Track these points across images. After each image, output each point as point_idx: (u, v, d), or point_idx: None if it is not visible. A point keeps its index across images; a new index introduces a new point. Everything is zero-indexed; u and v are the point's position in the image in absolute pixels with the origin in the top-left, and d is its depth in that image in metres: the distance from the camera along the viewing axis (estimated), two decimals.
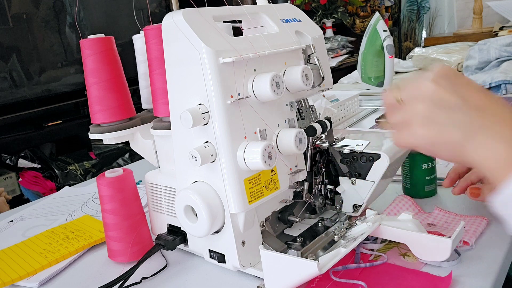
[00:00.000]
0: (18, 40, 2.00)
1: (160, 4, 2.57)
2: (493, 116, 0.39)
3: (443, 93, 0.40)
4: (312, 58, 0.62)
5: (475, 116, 0.39)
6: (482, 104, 0.40)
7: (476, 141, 0.39)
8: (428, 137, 0.41)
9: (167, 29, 0.53)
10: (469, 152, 0.39)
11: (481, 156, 0.39)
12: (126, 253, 0.61)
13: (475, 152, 0.39)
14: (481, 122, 0.39)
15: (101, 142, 0.68)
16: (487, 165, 0.38)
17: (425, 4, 3.92)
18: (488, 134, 0.38)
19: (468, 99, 0.40)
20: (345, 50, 2.97)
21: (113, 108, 0.63)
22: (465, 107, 0.40)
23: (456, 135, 0.39)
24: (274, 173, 0.55)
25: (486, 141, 0.38)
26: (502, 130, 0.38)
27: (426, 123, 0.41)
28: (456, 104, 0.40)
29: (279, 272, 0.49)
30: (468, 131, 0.39)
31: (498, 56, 1.51)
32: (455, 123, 0.40)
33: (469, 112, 0.39)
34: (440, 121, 0.40)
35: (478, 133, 0.39)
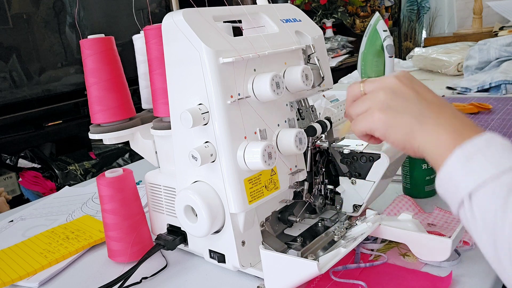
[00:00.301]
0: (18, 40, 2.00)
1: (160, 4, 2.57)
2: (440, 110, 0.45)
3: (403, 86, 0.47)
4: (312, 58, 0.62)
5: (426, 107, 0.46)
6: (432, 100, 0.47)
7: (424, 127, 0.44)
8: (384, 119, 0.46)
9: (167, 29, 0.53)
10: (417, 137, 0.45)
11: (427, 141, 0.44)
12: (126, 253, 0.61)
13: (423, 137, 0.44)
14: (430, 112, 0.45)
15: (101, 142, 0.68)
16: (431, 149, 0.44)
17: (425, 4, 3.92)
18: (435, 123, 0.44)
19: (422, 94, 0.47)
20: (345, 50, 2.97)
21: (113, 108, 0.63)
22: (418, 99, 0.46)
23: (408, 121, 0.45)
24: (274, 173, 0.55)
25: (432, 128, 0.44)
26: (446, 121, 0.44)
27: (384, 108, 0.47)
28: (412, 96, 0.47)
29: (279, 272, 0.49)
30: (419, 119, 0.45)
31: (498, 56, 1.51)
32: (409, 111, 0.46)
33: (422, 104, 0.46)
34: (396, 108, 0.46)
35: (426, 121, 0.45)
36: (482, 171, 0.39)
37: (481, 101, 1.21)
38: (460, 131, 0.43)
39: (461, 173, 0.40)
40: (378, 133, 0.47)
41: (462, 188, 0.39)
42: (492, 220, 0.37)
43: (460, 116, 0.45)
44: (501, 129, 0.99)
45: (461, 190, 0.39)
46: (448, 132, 0.43)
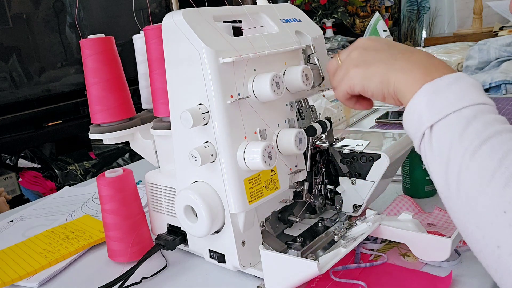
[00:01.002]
0: (18, 40, 2.00)
1: (160, 4, 2.57)
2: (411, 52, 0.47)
3: (372, 42, 0.50)
4: (312, 58, 0.62)
5: (397, 52, 0.47)
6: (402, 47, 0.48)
7: (396, 68, 0.45)
8: (359, 73, 0.48)
9: (167, 29, 0.53)
10: (391, 80, 0.45)
11: (400, 81, 0.45)
12: (126, 253, 0.61)
13: (396, 78, 0.45)
14: (400, 56, 0.46)
15: (101, 142, 0.68)
16: (403, 88, 0.44)
17: (425, 4, 3.92)
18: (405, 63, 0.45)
19: (393, 45, 0.49)
20: None
21: (113, 108, 0.63)
22: (389, 48, 0.48)
23: (381, 67, 0.47)
24: (274, 173, 0.55)
25: (403, 67, 0.45)
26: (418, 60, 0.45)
27: (357, 63, 0.49)
28: (383, 47, 0.49)
29: (279, 272, 0.49)
30: (390, 62, 0.46)
31: (498, 56, 1.51)
32: (380, 59, 0.47)
33: (392, 50, 0.48)
34: (368, 59, 0.48)
35: (398, 63, 0.46)
36: (446, 105, 0.40)
37: None
38: (432, 69, 0.43)
39: (425, 107, 0.41)
40: (357, 88, 0.49)
41: (425, 121, 0.41)
42: (447, 149, 0.39)
43: (433, 57, 0.46)
44: None
45: (424, 123, 0.41)
46: (419, 69, 0.44)
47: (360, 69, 0.48)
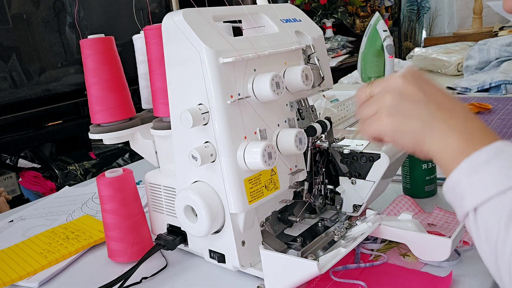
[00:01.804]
0: (18, 40, 2.00)
1: (160, 4, 2.57)
2: (450, 112, 0.44)
3: (409, 87, 0.45)
4: (312, 58, 0.62)
5: (434, 109, 0.44)
6: (441, 101, 0.45)
7: (433, 130, 0.43)
8: (392, 125, 0.45)
9: (167, 29, 0.53)
10: (426, 141, 0.44)
11: (436, 145, 0.43)
12: (126, 253, 0.61)
13: (432, 141, 0.43)
14: (439, 115, 0.43)
15: (101, 142, 0.68)
16: (441, 153, 0.43)
17: (425, 4, 3.92)
18: (444, 126, 0.43)
19: (430, 95, 0.45)
20: (345, 50, 2.97)
21: (113, 108, 0.63)
22: (427, 101, 0.44)
23: (417, 125, 0.44)
24: (274, 173, 0.55)
25: (441, 131, 0.43)
26: (456, 123, 0.43)
27: (392, 112, 0.45)
28: (420, 98, 0.45)
29: (279, 272, 0.49)
30: (427, 122, 0.44)
31: (498, 56, 1.51)
32: (417, 114, 0.44)
33: (430, 106, 0.44)
34: (404, 111, 0.45)
35: (435, 125, 0.43)
36: (488, 186, 0.38)
37: (481, 101, 1.21)
38: (470, 137, 0.41)
39: (467, 186, 0.39)
40: (387, 138, 0.47)
41: (468, 201, 0.39)
42: (494, 237, 0.37)
43: (471, 118, 0.43)
44: (501, 129, 0.99)
45: (467, 203, 0.39)
46: (457, 136, 0.42)
47: (393, 121, 0.45)
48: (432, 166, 0.70)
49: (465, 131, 0.42)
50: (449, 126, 0.43)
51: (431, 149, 0.43)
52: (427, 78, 0.47)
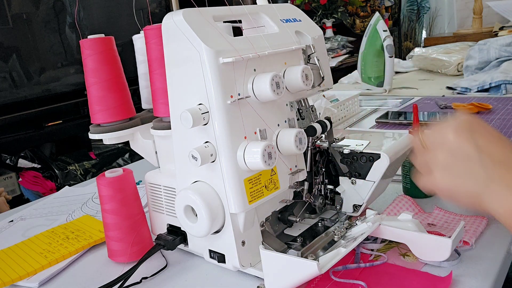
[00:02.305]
0: (18, 40, 2.00)
1: (160, 4, 2.57)
2: (507, 166, 0.41)
3: (463, 144, 0.42)
4: (312, 58, 0.62)
5: (490, 167, 0.41)
6: (498, 156, 0.42)
7: (490, 191, 0.41)
8: (446, 185, 0.44)
9: (167, 29, 0.53)
10: (485, 201, 0.42)
11: (495, 205, 0.41)
12: (126, 253, 0.61)
13: (490, 201, 0.41)
14: (495, 173, 0.41)
15: (101, 142, 0.68)
16: (502, 214, 0.41)
17: (425, 4, 3.92)
18: (502, 185, 0.40)
19: (486, 150, 0.42)
20: (345, 50, 2.97)
21: (113, 108, 0.63)
22: (481, 158, 0.42)
23: (472, 186, 0.42)
24: (274, 173, 0.55)
25: (499, 192, 0.40)
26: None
27: (444, 172, 0.43)
28: (474, 156, 0.42)
29: (279, 272, 0.49)
30: (483, 182, 0.41)
31: (498, 56, 1.51)
32: (471, 174, 0.42)
33: (485, 164, 0.41)
34: (457, 172, 0.43)
35: (492, 184, 0.41)
36: None
37: (481, 101, 1.21)
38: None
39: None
40: (442, 195, 0.45)
41: None
42: None
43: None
44: (501, 129, 0.99)
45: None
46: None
47: (447, 181, 0.43)
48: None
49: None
50: (507, 185, 0.40)
51: (490, 209, 0.42)
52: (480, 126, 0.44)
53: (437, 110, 1.23)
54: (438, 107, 1.26)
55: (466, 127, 0.43)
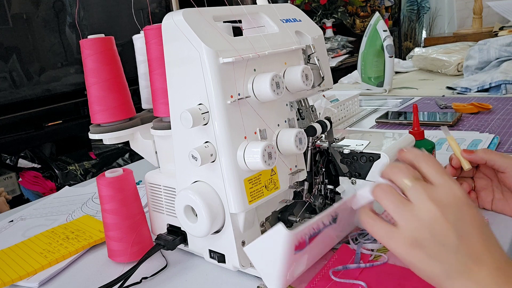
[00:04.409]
0: (18, 40, 2.00)
1: (160, 4, 2.57)
2: (480, 262, 0.39)
3: (445, 228, 0.40)
4: (312, 58, 0.62)
5: (463, 260, 0.39)
6: (475, 249, 0.40)
7: (457, 283, 0.39)
8: (411, 257, 0.41)
9: (167, 29, 0.53)
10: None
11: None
12: (126, 253, 0.61)
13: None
14: (465, 268, 0.39)
15: (101, 142, 0.68)
16: None
17: (425, 4, 3.92)
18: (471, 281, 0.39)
19: (465, 238, 0.40)
20: (345, 50, 2.97)
21: (113, 108, 0.63)
22: (457, 248, 0.40)
23: (438, 271, 0.40)
24: (274, 173, 0.55)
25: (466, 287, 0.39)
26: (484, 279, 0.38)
27: (412, 244, 0.41)
28: (451, 243, 0.40)
29: (264, 258, 0.48)
30: (450, 273, 0.39)
31: (498, 56, 1.51)
32: (441, 259, 0.40)
33: (459, 255, 0.39)
34: (428, 251, 0.40)
35: (459, 278, 0.39)
36: None
37: (481, 101, 1.21)
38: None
39: None
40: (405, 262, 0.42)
41: None
42: None
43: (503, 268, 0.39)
44: (501, 129, 0.99)
45: None
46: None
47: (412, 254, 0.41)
48: None
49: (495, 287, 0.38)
50: (476, 283, 0.38)
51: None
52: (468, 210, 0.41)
53: (437, 110, 1.23)
54: (438, 107, 1.26)
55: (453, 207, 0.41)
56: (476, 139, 0.92)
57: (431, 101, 1.35)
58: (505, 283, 0.38)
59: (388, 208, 0.43)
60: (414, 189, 0.42)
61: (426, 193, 0.41)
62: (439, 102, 1.28)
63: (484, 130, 0.99)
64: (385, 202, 0.44)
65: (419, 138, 0.69)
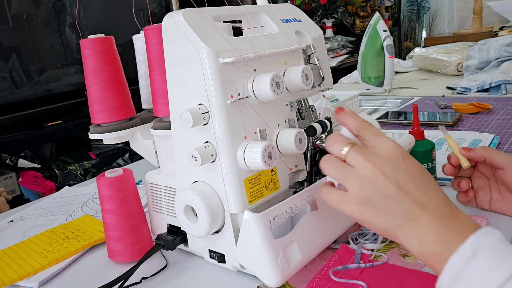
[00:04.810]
0: (18, 40, 2.00)
1: (160, 4, 2.57)
2: (424, 208, 0.42)
3: (385, 181, 0.43)
4: (312, 58, 0.62)
5: (407, 207, 0.42)
6: (417, 194, 0.43)
7: (406, 232, 0.42)
8: (364, 216, 0.44)
9: (167, 29, 0.53)
10: (400, 239, 0.43)
11: (410, 245, 0.42)
12: (126, 253, 0.61)
13: (405, 241, 0.42)
14: (411, 215, 0.42)
15: (101, 142, 0.68)
16: (417, 254, 0.42)
17: (425, 4, 3.92)
18: (416, 227, 0.42)
19: (405, 188, 0.43)
20: (345, 50, 2.97)
21: (113, 108, 0.63)
22: (399, 197, 0.43)
23: (388, 222, 0.43)
24: (274, 173, 0.55)
25: (414, 233, 0.42)
26: (431, 221, 0.41)
27: (364, 204, 0.44)
28: (393, 194, 0.43)
29: (249, 253, 0.50)
30: (399, 222, 0.43)
31: (498, 56, 1.51)
32: (388, 212, 0.43)
33: (403, 203, 0.43)
34: (377, 206, 0.43)
35: (407, 225, 0.42)
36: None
37: (481, 101, 1.21)
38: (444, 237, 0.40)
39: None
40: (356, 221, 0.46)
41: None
42: None
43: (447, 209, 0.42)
44: (501, 129, 0.99)
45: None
46: (431, 238, 0.41)
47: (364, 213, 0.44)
48: (432, 167, 0.70)
49: (440, 230, 0.41)
50: (422, 227, 0.42)
51: (406, 246, 0.43)
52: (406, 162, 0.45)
53: (437, 110, 1.23)
54: (438, 107, 1.26)
55: (389, 162, 0.44)
56: (476, 139, 0.92)
57: (431, 101, 1.35)
58: (449, 226, 0.41)
59: (334, 177, 0.47)
60: (350, 154, 0.46)
61: (362, 155, 0.45)
62: (439, 102, 1.28)
63: (484, 130, 0.99)
64: (330, 172, 0.47)
65: (419, 138, 0.69)
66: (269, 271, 0.49)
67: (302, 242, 0.52)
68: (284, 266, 0.49)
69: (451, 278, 0.39)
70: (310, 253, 0.54)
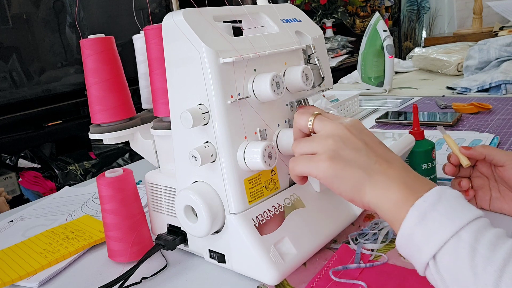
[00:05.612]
0: (18, 40, 2.00)
1: (160, 4, 2.57)
2: (388, 162, 0.45)
3: (352, 137, 0.46)
4: (312, 58, 0.62)
5: (374, 160, 0.45)
6: (381, 153, 0.46)
7: (374, 181, 0.44)
8: (332, 170, 0.45)
9: (167, 29, 0.53)
10: (367, 191, 0.44)
11: (378, 195, 0.43)
12: (126, 253, 0.61)
13: (373, 191, 0.44)
14: (378, 166, 0.44)
15: (101, 142, 0.68)
16: (383, 204, 0.43)
17: (425, 4, 3.92)
18: (384, 177, 0.44)
19: (370, 146, 0.46)
20: (345, 50, 2.97)
21: (113, 108, 0.63)
22: (367, 151, 0.46)
23: (358, 173, 0.44)
24: (274, 173, 0.55)
25: (382, 182, 0.43)
26: (396, 173, 0.44)
27: (333, 157, 0.45)
28: (361, 147, 0.46)
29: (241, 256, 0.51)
30: (368, 172, 0.44)
31: (498, 56, 1.51)
32: (358, 163, 0.45)
33: (370, 157, 0.45)
34: (345, 158, 0.45)
35: (375, 175, 0.44)
36: (441, 231, 0.38)
37: (481, 101, 1.21)
38: (411, 186, 0.42)
39: (420, 235, 0.39)
40: (323, 181, 0.46)
41: (425, 252, 0.38)
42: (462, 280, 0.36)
43: (408, 169, 0.45)
44: (501, 129, 0.99)
45: (424, 254, 0.39)
46: (399, 187, 0.42)
47: (334, 166, 0.45)
48: (432, 166, 0.70)
49: (405, 181, 0.43)
50: (389, 177, 0.43)
51: (372, 200, 0.43)
52: (367, 130, 0.48)
53: (437, 110, 1.23)
54: (438, 107, 1.26)
55: (355, 126, 0.48)
56: (476, 139, 0.92)
57: (431, 101, 1.35)
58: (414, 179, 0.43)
59: (303, 149, 0.48)
60: (316, 121, 0.48)
61: (329, 118, 0.49)
62: (439, 102, 1.28)
63: (484, 130, 0.99)
64: (299, 146, 0.49)
65: (419, 138, 0.69)
66: (263, 267, 0.49)
67: (295, 238, 0.53)
68: (278, 261, 0.50)
69: (416, 219, 0.39)
70: (307, 248, 0.54)
